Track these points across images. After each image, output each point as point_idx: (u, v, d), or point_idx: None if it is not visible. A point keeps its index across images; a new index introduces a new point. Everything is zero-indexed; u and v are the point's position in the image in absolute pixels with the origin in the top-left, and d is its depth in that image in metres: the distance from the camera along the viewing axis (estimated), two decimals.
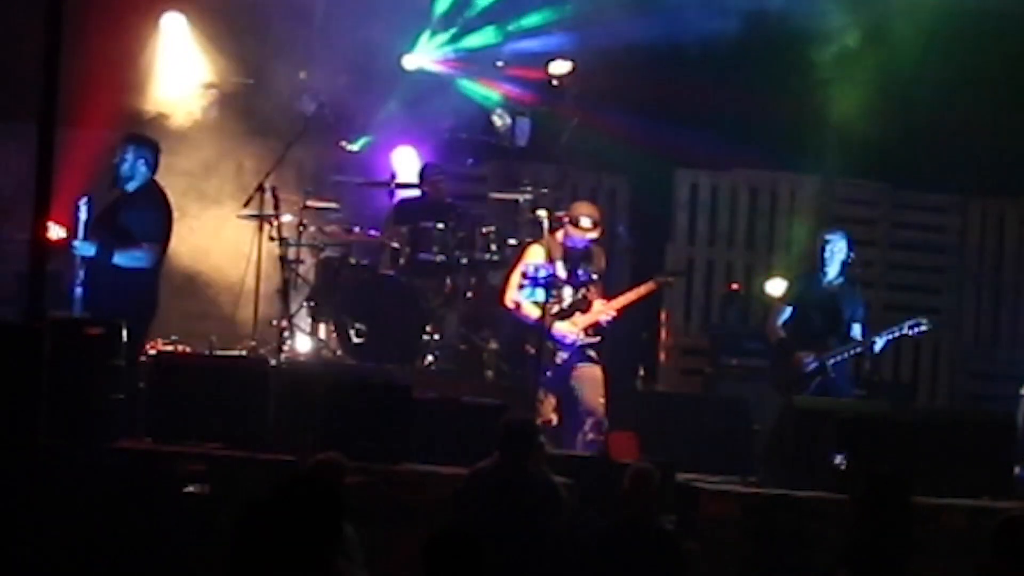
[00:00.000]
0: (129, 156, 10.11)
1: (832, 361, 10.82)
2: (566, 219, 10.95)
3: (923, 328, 11.06)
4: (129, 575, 8.59)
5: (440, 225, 11.48)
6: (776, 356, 11.07)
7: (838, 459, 9.67)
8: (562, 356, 10.80)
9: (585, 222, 10.85)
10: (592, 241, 10.94)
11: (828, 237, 11.06)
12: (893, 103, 12.42)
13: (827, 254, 10.97)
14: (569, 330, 10.79)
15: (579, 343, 10.82)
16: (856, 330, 10.97)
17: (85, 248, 9.91)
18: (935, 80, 12.53)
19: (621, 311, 11.02)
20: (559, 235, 10.99)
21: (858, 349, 10.89)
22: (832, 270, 10.97)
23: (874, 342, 10.89)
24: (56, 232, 9.78)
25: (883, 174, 13.57)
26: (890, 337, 10.93)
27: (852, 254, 11.04)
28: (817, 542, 9.07)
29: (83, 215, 10.09)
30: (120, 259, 9.95)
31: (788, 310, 11.10)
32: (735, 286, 13.37)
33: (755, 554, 9.17)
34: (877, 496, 7.61)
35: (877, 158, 12.81)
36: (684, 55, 12.59)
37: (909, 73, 12.39)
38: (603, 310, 10.88)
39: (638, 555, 7.89)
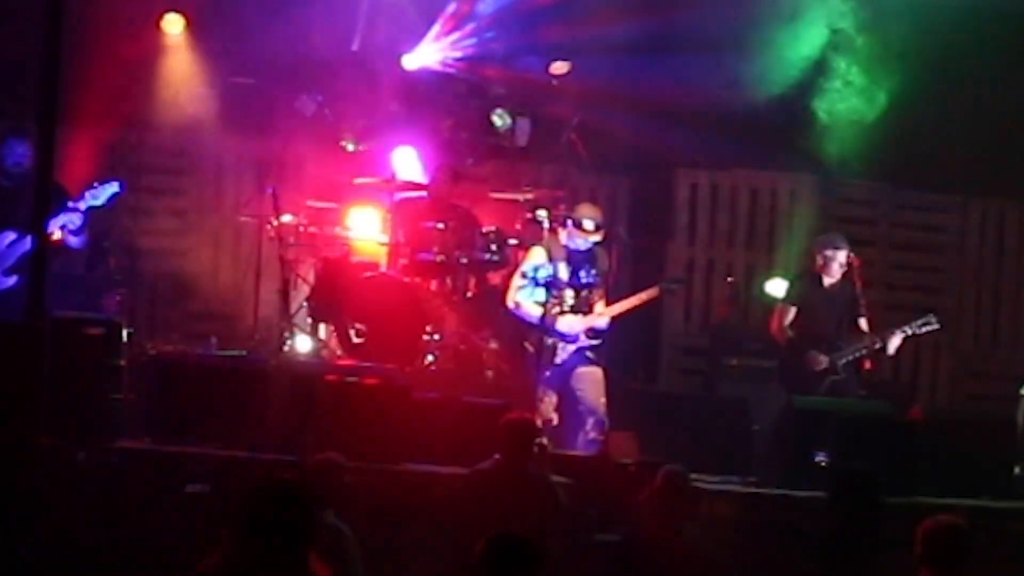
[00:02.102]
0: (25, 149, 10.14)
1: (843, 360, 10.91)
2: (569, 221, 10.95)
3: (933, 326, 11.13)
4: (129, 575, 8.59)
5: (440, 225, 11.48)
6: (786, 356, 11.13)
7: (819, 456, 9.71)
8: (562, 356, 10.80)
9: (588, 224, 10.85)
10: (595, 244, 10.94)
11: (825, 250, 11.16)
12: (893, 103, 12.41)
13: (826, 264, 11.08)
14: (573, 323, 10.76)
15: (580, 343, 10.82)
16: (863, 324, 11.06)
17: (80, 242, 9.92)
18: (935, 80, 12.52)
19: (621, 317, 11.03)
20: (562, 236, 10.99)
21: (872, 347, 10.98)
22: (832, 276, 11.09)
23: (887, 343, 10.96)
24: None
25: (883, 174, 13.56)
26: (904, 335, 11.01)
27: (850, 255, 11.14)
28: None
29: (99, 201, 10.15)
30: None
31: (793, 311, 11.16)
32: (730, 279, 13.36)
33: (755, 554, 9.17)
34: (847, 492, 7.67)
35: (877, 158, 12.80)
36: (685, 55, 12.58)
37: (909, 73, 12.38)
38: (600, 314, 10.89)
39: (672, 557, 7.84)
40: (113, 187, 10.42)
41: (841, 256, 11.11)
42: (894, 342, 11.02)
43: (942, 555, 6.32)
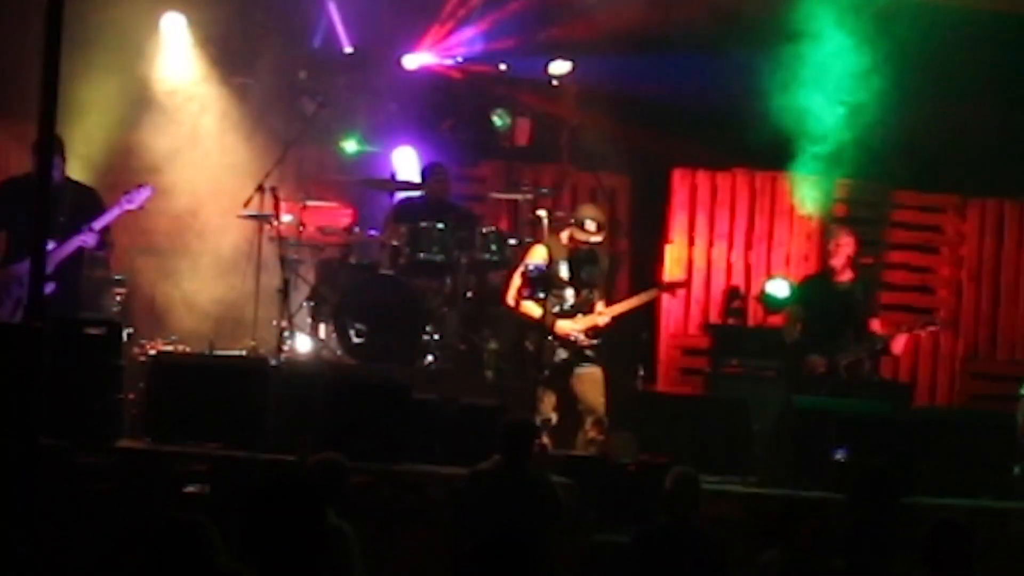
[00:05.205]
0: (57, 161, 10.19)
1: (845, 361, 10.94)
2: (571, 222, 10.96)
3: (934, 326, 11.19)
4: (129, 575, 8.59)
5: (440, 225, 11.48)
6: (789, 359, 11.17)
7: (839, 454, 9.71)
8: (562, 355, 10.80)
9: (590, 225, 10.85)
10: (597, 244, 10.95)
11: (833, 234, 11.21)
12: (893, 103, 12.41)
13: (833, 253, 11.13)
14: (572, 328, 10.78)
15: (580, 343, 10.83)
16: (875, 325, 11.10)
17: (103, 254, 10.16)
18: (935, 80, 12.52)
19: (620, 317, 11.03)
20: (563, 236, 10.99)
21: (876, 348, 11.01)
22: (839, 266, 11.12)
23: (890, 343, 11.01)
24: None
25: (883, 174, 13.55)
26: (908, 335, 11.06)
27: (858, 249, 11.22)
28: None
29: (135, 205, 10.32)
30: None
31: (800, 310, 11.23)
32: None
33: (755, 554, 9.16)
34: (867, 489, 7.68)
35: (878, 158, 12.79)
36: (685, 56, 12.59)
37: (909, 73, 12.38)
38: (600, 313, 10.89)
39: (681, 558, 7.86)
40: (147, 192, 10.63)
41: (843, 241, 11.17)
42: (899, 342, 11.06)
43: (946, 557, 6.31)
